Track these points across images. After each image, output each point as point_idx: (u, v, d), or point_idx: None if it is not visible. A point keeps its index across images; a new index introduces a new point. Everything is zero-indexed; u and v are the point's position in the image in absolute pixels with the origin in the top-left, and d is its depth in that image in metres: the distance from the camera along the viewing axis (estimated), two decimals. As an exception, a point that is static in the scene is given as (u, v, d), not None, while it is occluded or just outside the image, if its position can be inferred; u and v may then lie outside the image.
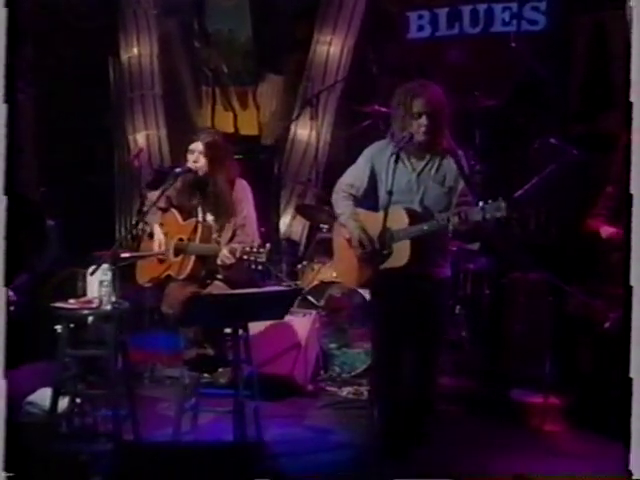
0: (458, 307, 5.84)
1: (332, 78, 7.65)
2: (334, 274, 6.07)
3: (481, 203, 4.02)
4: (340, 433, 4.98)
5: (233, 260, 4.45)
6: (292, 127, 7.80)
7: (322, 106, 7.51)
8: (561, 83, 7.00)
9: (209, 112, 8.57)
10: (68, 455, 4.30)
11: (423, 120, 4.23)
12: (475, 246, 5.24)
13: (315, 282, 6.02)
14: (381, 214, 4.20)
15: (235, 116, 8.54)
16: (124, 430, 4.44)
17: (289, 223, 7.74)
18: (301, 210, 6.97)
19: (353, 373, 5.88)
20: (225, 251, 4.51)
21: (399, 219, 4.25)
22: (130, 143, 8.54)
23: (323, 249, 6.31)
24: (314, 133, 7.46)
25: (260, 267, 4.32)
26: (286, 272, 6.27)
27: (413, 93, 4.27)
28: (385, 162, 4.31)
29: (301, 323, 5.60)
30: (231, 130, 8.49)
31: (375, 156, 4.43)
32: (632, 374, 3.11)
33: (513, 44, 6.65)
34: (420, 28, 7.66)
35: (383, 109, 6.74)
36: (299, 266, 6.31)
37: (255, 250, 4.31)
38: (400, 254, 4.25)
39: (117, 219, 8.71)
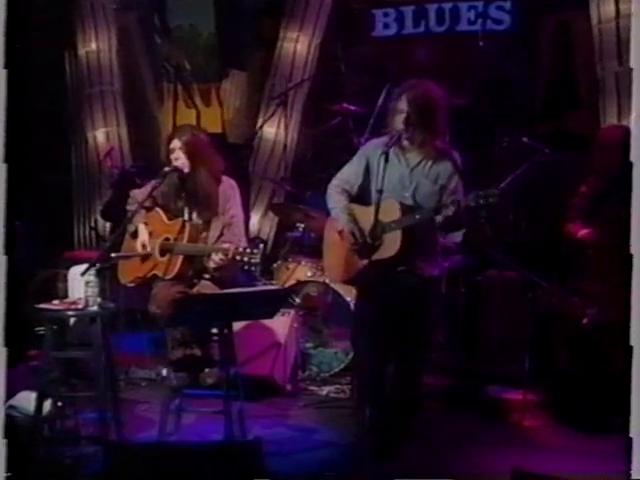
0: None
1: (299, 75, 7.61)
2: (309, 273, 6.06)
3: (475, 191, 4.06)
4: (325, 432, 4.95)
5: (226, 261, 4.41)
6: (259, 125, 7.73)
7: (290, 104, 7.46)
8: (526, 82, 7.07)
9: (171, 109, 8.44)
10: (52, 459, 4.22)
11: (402, 117, 4.28)
12: (459, 236, 5.27)
13: (292, 281, 5.98)
14: (373, 208, 4.21)
15: (198, 113, 8.43)
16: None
17: (258, 222, 7.68)
18: (275, 209, 6.92)
19: (332, 372, 5.86)
20: (217, 256, 4.46)
21: (392, 211, 4.26)
22: (89, 140, 8.37)
23: (298, 248, 6.29)
24: (282, 131, 7.42)
25: (254, 268, 4.30)
26: (259, 271, 6.20)
27: (402, 90, 4.34)
28: (380, 159, 4.29)
29: (280, 323, 5.55)
30: (194, 128, 8.37)
31: (370, 153, 4.47)
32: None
33: (481, 43, 6.70)
34: (386, 26, 7.69)
35: (352, 107, 6.74)
36: (274, 265, 6.26)
37: (249, 251, 4.28)
38: (391, 244, 4.26)
39: (75, 218, 8.52)
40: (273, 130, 7.57)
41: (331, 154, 7.23)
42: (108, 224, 7.97)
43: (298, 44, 7.68)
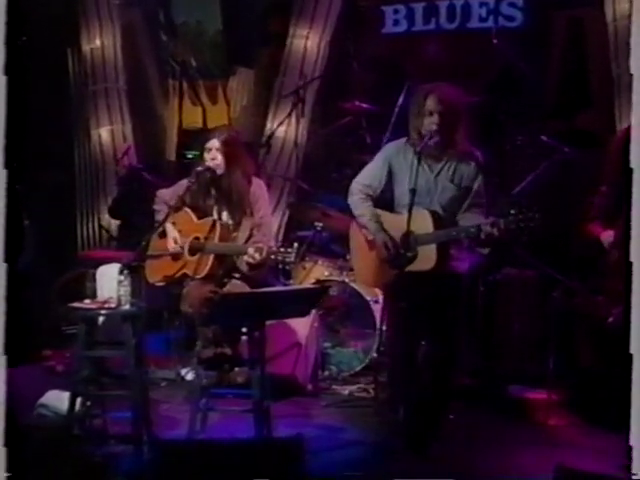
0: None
1: (310, 73, 7.51)
2: (326, 272, 6.04)
3: (513, 211, 4.05)
4: (351, 431, 4.95)
5: (260, 259, 4.37)
6: (269, 123, 7.67)
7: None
8: (538, 79, 7.05)
9: (176, 107, 8.37)
10: (83, 457, 4.18)
11: (434, 118, 4.27)
12: (485, 250, 5.24)
13: (311, 280, 5.94)
14: (403, 216, 4.23)
15: (204, 111, 8.35)
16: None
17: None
18: (292, 208, 6.91)
19: (352, 372, 5.84)
20: (252, 251, 4.42)
21: (423, 222, 4.27)
22: (93, 138, 8.27)
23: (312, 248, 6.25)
24: (292, 128, 7.36)
25: (288, 267, 4.28)
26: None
27: (427, 91, 4.33)
28: (403, 162, 4.39)
29: (301, 322, 5.51)
30: (200, 125, 8.32)
31: (392, 156, 4.48)
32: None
33: (495, 40, 6.67)
34: (396, 23, 7.63)
35: (364, 105, 6.71)
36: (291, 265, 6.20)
37: (283, 250, 4.26)
38: (426, 257, 4.28)
39: (78, 217, 8.41)
40: (283, 128, 7.48)
41: (343, 152, 7.19)
42: (113, 222, 7.90)
43: (308, 41, 7.59)
